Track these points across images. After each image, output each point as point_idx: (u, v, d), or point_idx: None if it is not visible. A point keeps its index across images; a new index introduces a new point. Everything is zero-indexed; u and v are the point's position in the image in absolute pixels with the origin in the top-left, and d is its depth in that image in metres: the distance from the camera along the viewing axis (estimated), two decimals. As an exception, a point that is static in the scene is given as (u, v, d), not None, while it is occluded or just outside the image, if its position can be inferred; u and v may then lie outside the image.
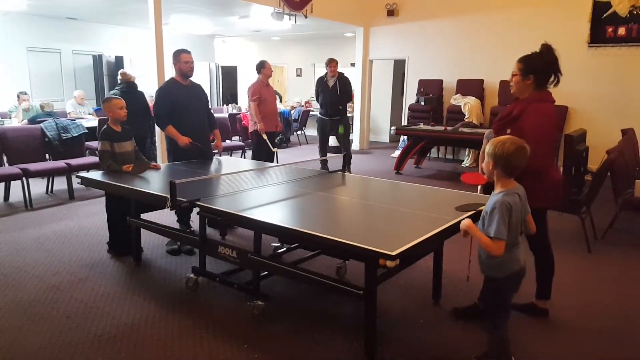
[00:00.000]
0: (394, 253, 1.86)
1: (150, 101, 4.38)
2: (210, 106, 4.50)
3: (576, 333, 2.60)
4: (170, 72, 4.33)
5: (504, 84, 7.94)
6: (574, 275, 3.39)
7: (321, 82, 6.90)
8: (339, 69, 6.93)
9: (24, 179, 4.98)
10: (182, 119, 3.87)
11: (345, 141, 6.92)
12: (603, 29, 7.08)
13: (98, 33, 10.40)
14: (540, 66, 2.49)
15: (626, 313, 2.85)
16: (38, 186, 5.67)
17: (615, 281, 3.34)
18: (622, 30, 6.98)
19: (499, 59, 8.09)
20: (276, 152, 5.76)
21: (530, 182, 2.29)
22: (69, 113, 7.79)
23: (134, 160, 3.57)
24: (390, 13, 9.15)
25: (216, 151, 4.38)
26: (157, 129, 5.99)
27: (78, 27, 10.02)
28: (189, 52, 3.97)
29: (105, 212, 3.72)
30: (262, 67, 5.74)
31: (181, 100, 3.89)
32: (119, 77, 4.19)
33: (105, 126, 3.56)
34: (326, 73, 6.86)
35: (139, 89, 4.29)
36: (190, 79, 4.03)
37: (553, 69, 2.48)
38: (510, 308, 2.15)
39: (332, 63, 6.76)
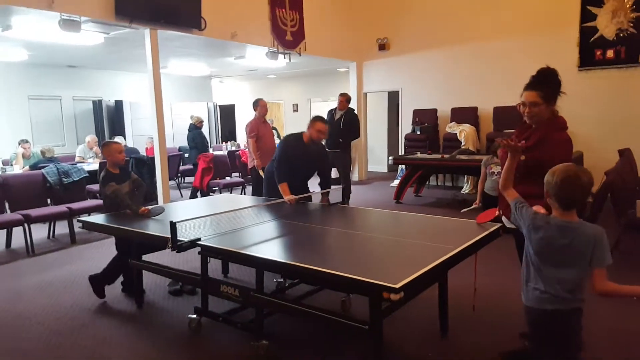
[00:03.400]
0: (397, 286, 1.85)
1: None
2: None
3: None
4: (168, 114, 4.44)
5: (498, 110, 8.06)
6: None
7: (329, 114, 7.00)
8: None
9: (25, 224, 4.98)
10: (293, 173, 3.85)
11: (345, 175, 6.94)
12: (592, 52, 7.26)
13: (97, 79, 10.65)
14: (556, 89, 2.39)
15: (631, 334, 2.79)
16: (40, 231, 5.66)
17: (625, 304, 3.28)
18: (610, 53, 7.15)
19: (491, 86, 8.26)
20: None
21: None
22: (78, 157, 7.88)
23: (135, 198, 3.61)
24: (382, 47, 9.40)
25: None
26: (157, 167, 6.09)
27: (78, 74, 10.27)
28: (325, 122, 3.95)
29: (117, 252, 3.65)
30: (257, 104, 5.87)
31: (299, 160, 3.86)
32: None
33: (104, 171, 3.61)
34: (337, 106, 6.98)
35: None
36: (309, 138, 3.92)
37: (559, 87, 2.41)
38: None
39: (339, 97, 6.88)
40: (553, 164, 2.27)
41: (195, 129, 8.50)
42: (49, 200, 5.77)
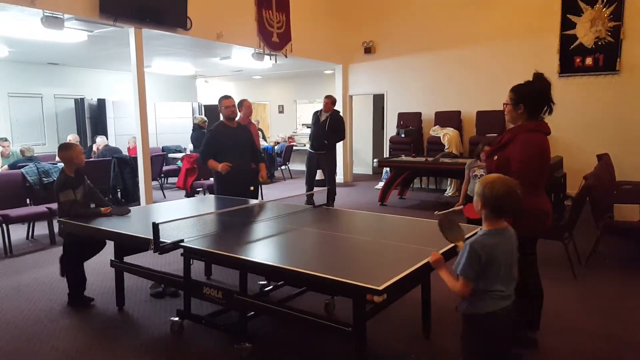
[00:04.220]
0: (380, 288, 1.87)
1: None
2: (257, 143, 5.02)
3: (566, 360, 2.60)
4: (152, 113, 4.55)
5: (480, 115, 8.18)
6: (562, 301, 3.40)
7: (315, 116, 6.99)
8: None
9: (3, 225, 4.87)
10: (226, 157, 4.31)
11: (329, 177, 6.95)
12: (571, 59, 7.44)
13: (80, 77, 10.48)
14: (531, 95, 2.47)
15: (616, 337, 2.86)
16: (18, 232, 5.54)
17: (602, 305, 3.37)
18: (589, 60, 7.34)
19: (474, 90, 8.38)
20: (260, 188, 5.77)
21: None
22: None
23: (88, 205, 3.51)
24: (368, 50, 9.46)
25: (262, 180, 4.78)
26: (139, 167, 6.02)
27: (60, 71, 10.08)
28: (228, 98, 4.53)
29: (63, 260, 3.52)
30: (241, 105, 5.85)
31: (226, 141, 4.39)
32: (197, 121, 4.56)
33: (60, 175, 3.43)
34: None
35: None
36: (237, 120, 4.63)
37: (544, 97, 2.47)
38: (490, 356, 1.91)
39: (325, 99, 6.87)
40: (516, 163, 2.34)
41: (199, 129, 8.46)
42: (28, 200, 5.65)
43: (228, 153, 4.35)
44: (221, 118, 4.55)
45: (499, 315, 1.84)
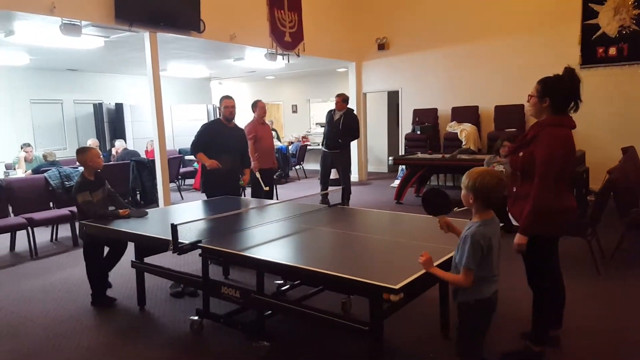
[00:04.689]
0: (397, 287, 1.86)
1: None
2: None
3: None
4: (168, 116, 4.68)
5: (498, 109, 8.06)
6: (586, 300, 3.33)
7: (328, 115, 6.96)
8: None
9: (28, 228, 5.01)
10: (216, 154, 4.38)
11: (344, 176, 6.93)
12: (594, 50, 7.25)
13: (98, 82, 10.68)
14: (558, 90, 2.41)
15: None
16: (43, 234, 5.68)
17: (627, 304, 3.28)
18: (612, 50, 7.14)
19: (492, 84, 8.25)
20: (275, 189, 5.79)
21: (536, 208, 2.30)
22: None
23: (107, 207, 3.57)
24: (381, 47, 9.40)
25: (242, 183, 4.93)
26: (157, 170, 6.13)
27: (78, 77, 10.30)
28: (230, 98, 4.63)
29: (85, 258, 3.58)
30: (255, 106, 5.88)
31: (217, 139, 4.46)
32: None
33: (80, 177, 3.52)
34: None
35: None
36: (235, 122, 4.74)
37: (572, 94, 2.41)
38: (481, 337, 2.07)
39: (336, 98, 6.84)
40: (541, 158, 2.29)
41: None
42: (51, 204, 5.80)
43: (218, 151, 4.42)
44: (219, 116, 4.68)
45: (495, 297, 2.02)
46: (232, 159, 4.57)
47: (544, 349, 2.52)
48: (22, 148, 7.60)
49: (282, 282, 3.49)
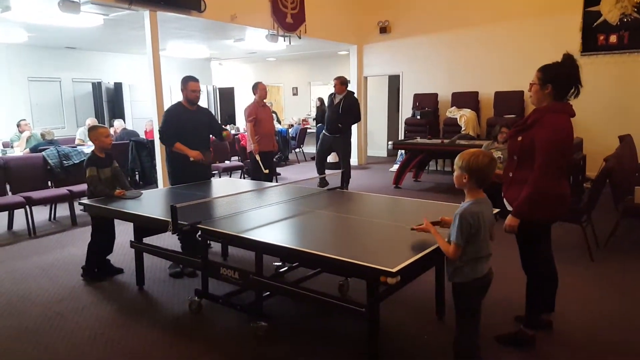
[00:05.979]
0: (394, 270, 1.88)
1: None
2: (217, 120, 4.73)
3: (582, 344, 2.60)
4: (168, 97, 4.45)
5: (498, 95, 8.03)
6: (578, 285, 3.38)
7: (329, 99, 6.87)
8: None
9: (27, 207, 5.02)
10: (186, 141, 3.99)
11: (345, 160, 6.90)
12: (594, 37, 7.20)
13: (97, 61, 10.57)
14: (560, 76, 2.43)
15: (632, 320, 2.85)
16: (41, 213, 5.70)
17: (620, 290, 3.33)
18: (613, 38, 7.09)
19: (492, 71, 8.20)
20: (276, 173, 5.80)
21: (534, 193, 2.33)
22: (78, 140, 7.88)
23: (114, 185, 3.68)
24: (383, 30, 9.31)
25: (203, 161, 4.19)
26: (156, 150, 6.09)
27: (77, 56, 10.19)
28: (196, 81, 4.07)
29: (92, 238, 3.75)
30: (256, 88, 5.84)
31: (186, 125, 4.02)
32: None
33: (90, 153, 3.71)
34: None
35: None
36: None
37: (573, 79, 2.43)
38: (479, 313, 2.15)
39: (334, 81, 6.71)
40: (541, 145, 2.31)
41: None
42: (49, 183, 5.80)
43: (187, 137, 3.99)
44: (181, 99, 4.11)
45: (489, 274, 2.12)
46: (201, 143, 4.12)
47: (536, 333, 2.57)
48: (18, 125, 7.52)
49: (280, 263, 3.53)
